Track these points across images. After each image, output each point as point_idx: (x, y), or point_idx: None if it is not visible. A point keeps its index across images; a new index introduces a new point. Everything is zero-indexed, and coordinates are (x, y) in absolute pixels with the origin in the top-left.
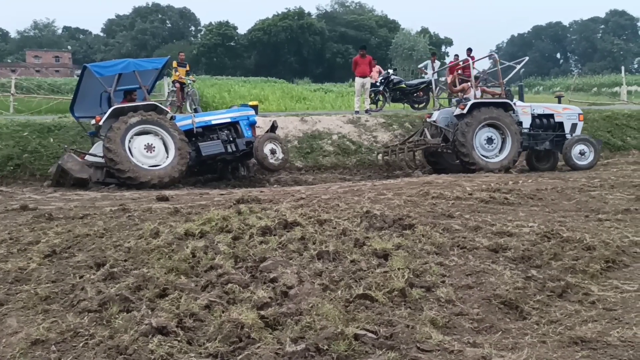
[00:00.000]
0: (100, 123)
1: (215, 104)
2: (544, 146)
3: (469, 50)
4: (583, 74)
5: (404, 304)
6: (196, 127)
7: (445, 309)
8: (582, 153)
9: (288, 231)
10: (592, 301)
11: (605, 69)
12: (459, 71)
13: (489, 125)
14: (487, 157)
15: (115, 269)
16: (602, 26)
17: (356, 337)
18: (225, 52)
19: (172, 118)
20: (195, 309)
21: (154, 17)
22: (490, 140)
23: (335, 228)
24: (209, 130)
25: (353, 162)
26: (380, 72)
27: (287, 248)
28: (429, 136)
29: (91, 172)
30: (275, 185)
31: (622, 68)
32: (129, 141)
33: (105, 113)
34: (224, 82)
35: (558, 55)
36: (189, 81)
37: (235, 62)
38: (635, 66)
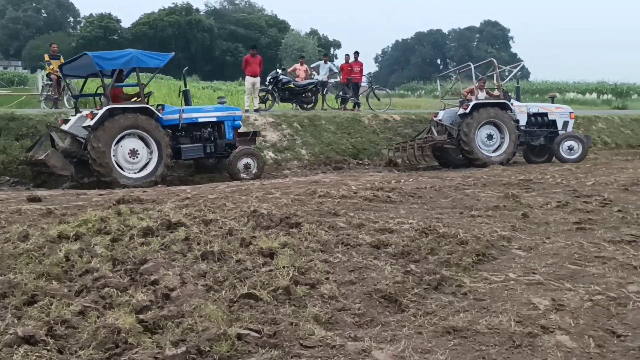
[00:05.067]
0: (91, 123)
1: (95, 99)
2: (539, 142)
3: (357, 53)
4: (460, 79)
5: (289, 302)
6: (182, 123)
7: (328, 305)
8: (570, 148)
9: (171, 232)
10: (464, 292)
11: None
12: (348, 76)
13: (489, 123)
14: (488, 152)
15: None
16: (478, 35)
17: (239, 337)
18: (107, 46)
19: (161, 107)
20: (67, 316)
21: (27, 5)
22: (490, 137)
23: (221, 228)
24: (193, 127)
25: None
26: (307, 72)
27: (170, 249)
28: (435, 134)
29: (73, 170)
30: (160, 185)
31: (494, 75)
32: (116, 143)
33: (97, 112)
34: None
35: (438, 61)
36: None
37: None
38: (507, 73)
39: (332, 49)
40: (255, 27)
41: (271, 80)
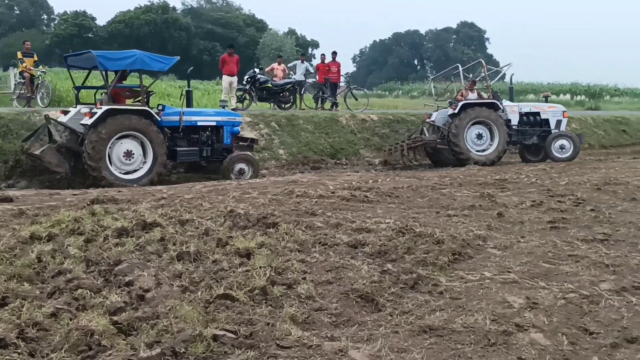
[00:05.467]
0: (89, 123)
1: (70, 98)
2: (532, 141)
3: (334, 53)
4: (437, 80)
5: (265, 302)
6: (182, 125)
7: (305, 305)
8: (562, 147)
9: (147, 232)
10: (440, 291)
11: (456, 76)
12: (326, 75)
13: (479, 123)
14: (477, 150)
15: None
16: (454, 36)
17: (215, 338)
18: (82, 44)
19: (162, 108)
20: (39, 318)
21: None
22: (479, 136)
23: (197, 228)
24: (192, 130)
25: None
26: (284, 71)
27: (145, 250)
28: (426, 134)
29: (67, 168)
30: (134, 185)
31: (471, 76)
32: (111, 144)
33: (96, 112)
34: (80, 75)
35: (416, 62)
36: (39, 72)
37: None
38: (482, 75)
39: (310, 49)
40: (233, 26)
41: (249, 79)
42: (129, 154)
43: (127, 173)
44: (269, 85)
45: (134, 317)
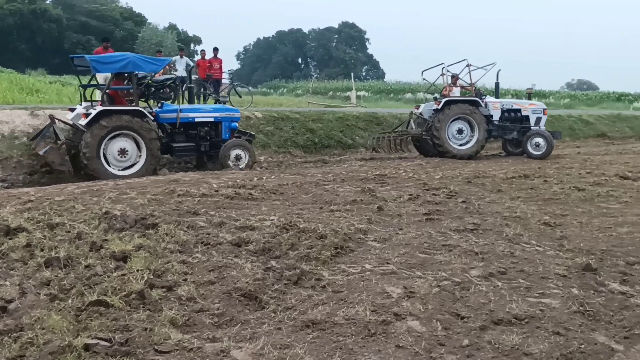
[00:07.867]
0: (84, 124)
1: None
2: (512, 136)
3: (215, 49)
4: (321, 78)
5: (143, 307)
6: (179, 122)
7: (186, 307)
8: (537, 145)
9: (10, 238)
10: (323, 285)
11: (339, 75)
12: (208, 72)
13: (460, 118)
14: (458, 145)
15: None
16: (336, 36)
17: (87, 347)
18: None
19: (160, 105)
20: None
21: None
22: (460, 131)
23: (68, 232)
24: (191, 126)
25: None
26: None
27: (9, 257)
28: (413, 126)
29: (70, 166)
30: None
31: (352, 75)
32: (105, 144)
33: (91, 113)
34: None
35: (300, 60)
36: None
37: None
38: (364, 74)
39: (192, 45)
40: (109, 19)
41: (126, 75)
42: (123, 152)
43: (122, 169)
44: (148, 81)
45: None
